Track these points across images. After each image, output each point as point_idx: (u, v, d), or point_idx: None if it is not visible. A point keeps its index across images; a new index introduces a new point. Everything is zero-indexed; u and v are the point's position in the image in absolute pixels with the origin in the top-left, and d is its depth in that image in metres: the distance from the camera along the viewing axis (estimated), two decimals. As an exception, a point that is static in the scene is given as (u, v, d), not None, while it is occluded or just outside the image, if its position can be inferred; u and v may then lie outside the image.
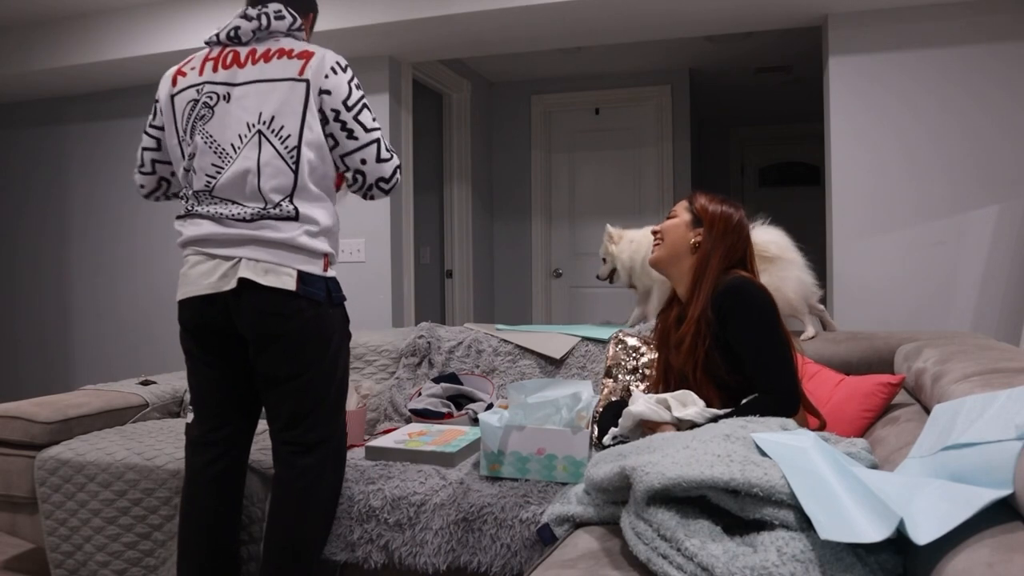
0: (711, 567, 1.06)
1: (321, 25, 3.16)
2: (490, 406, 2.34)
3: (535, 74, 4.79)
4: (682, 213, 1.83)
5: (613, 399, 2.13)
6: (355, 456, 2.08)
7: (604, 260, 2.68)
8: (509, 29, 3.22)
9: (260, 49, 1.74)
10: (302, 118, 1.67)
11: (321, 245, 1.73)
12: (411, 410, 2.38)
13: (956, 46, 2.95)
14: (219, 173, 1.69)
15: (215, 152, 1.70)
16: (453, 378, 2.52)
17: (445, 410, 2.35)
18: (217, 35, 1.78)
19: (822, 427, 1.69)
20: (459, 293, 4.57)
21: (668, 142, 4.73)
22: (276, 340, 1.69)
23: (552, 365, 2.55)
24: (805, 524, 1.08)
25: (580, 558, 1.27)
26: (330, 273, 1.76)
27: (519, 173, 4.94)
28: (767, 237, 2.26)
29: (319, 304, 1.72)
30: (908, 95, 3.00)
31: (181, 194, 1.81)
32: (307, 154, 1.68)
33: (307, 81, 1.68)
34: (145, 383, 2.69)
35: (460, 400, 2.46)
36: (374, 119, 1.76)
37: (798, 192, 6.24)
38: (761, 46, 4.25)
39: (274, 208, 1.67)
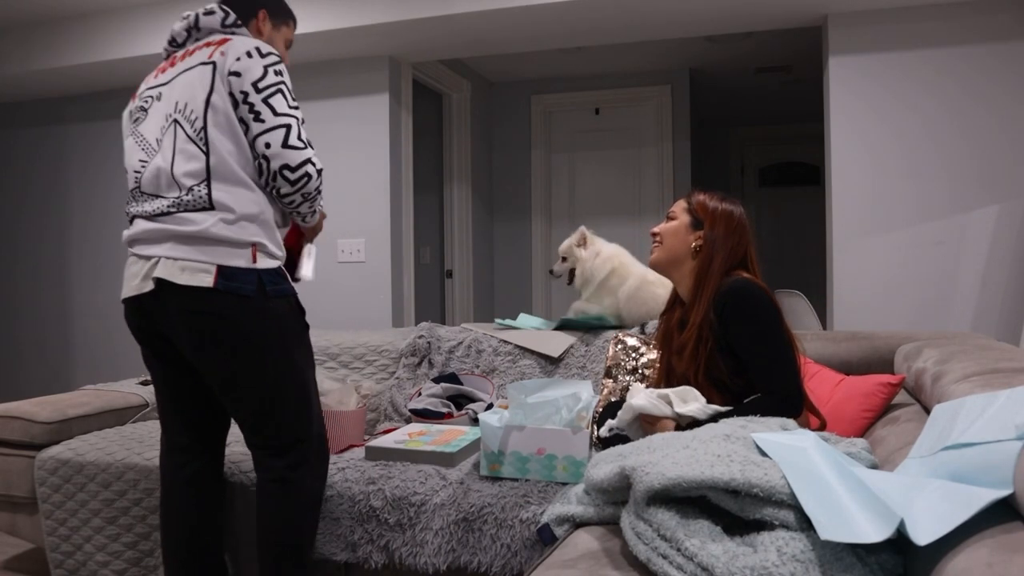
0: (711, 567, 1.06)
1: (321, 25, 3.18)
2: (490, 406, 2.34)
3: (535, 74, 4.79)
4: (681, 215, 1.79)
5: (613, 399, 2.13)
6: (355, 456, 2.08)
7: (564, 258, 2.60)
8: (509, 29, 3.23)
9: (192, 47, 1.75)
10: (207, 98, 1.62)
11: (243, 235, 1.62)
12: (411, 410, 2.38)
13: (956, 46, 2.95)
14: (144, 167, 1.68)
15: (143, 149, 1.70)
16: (453, 378, 2.52)
17: (445, 410, 2.35)
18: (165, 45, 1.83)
19: (822, 427, 1.68)
20: (459, 293, 4.57)
21: (668, 142, 4.73)
22: (205, 340, 1.62)
23: (551, 364, 2.55)
24: (805, 524, 1.08)
25: (580, 558, 1.27)
26: (263, 264, 1.64)
27: (519, 173, 4.94)
28: None
29: (248, 298, 1.61)
30: (908, 95, 3.00)
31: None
32: (215, 135, 1.61)
33: (214, 63, 1.64)
34: (145, 383, 2.69)
35: (460, 400, 2.45)
36: (293, 108, 1.65)
37: (798, 192, 6.23)
38: (761, 46, 4.25)
39: (187, 194, 1.61)
